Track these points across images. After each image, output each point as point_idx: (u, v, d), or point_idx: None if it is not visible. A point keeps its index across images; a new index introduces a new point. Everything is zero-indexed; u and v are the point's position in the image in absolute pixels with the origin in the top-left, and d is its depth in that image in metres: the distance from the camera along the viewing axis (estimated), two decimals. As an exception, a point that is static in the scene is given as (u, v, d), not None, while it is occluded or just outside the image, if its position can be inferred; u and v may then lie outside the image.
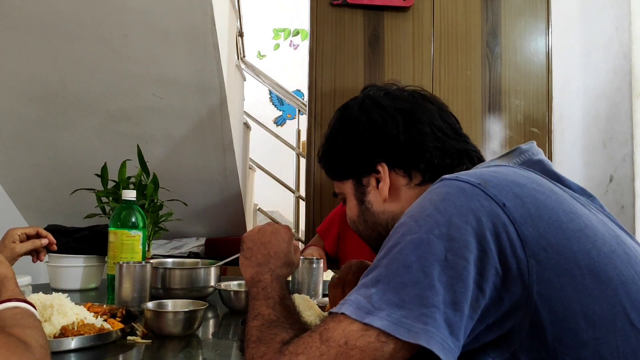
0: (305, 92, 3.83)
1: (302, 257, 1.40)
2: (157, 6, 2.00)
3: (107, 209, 1.58)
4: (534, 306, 0.62)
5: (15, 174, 2.66)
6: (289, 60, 5.75)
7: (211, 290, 1.41)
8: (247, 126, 3.99)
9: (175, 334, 1.02)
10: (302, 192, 3.74)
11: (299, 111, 4.41)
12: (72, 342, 0.92)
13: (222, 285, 1.33)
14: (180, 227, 2.93)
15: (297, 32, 5.88)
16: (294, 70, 5.43)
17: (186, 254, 2.92)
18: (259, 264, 0.92)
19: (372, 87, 0.97)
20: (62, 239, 1.48)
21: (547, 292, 0.62)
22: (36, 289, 1.29)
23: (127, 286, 1.20)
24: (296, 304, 0.86)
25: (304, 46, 5.62)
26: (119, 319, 1.07)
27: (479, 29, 2.46)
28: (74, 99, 2.34)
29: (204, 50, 2.16)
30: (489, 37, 2.46)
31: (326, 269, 1.79)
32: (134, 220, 1.35)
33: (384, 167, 0.89)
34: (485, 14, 2.46)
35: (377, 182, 0.90)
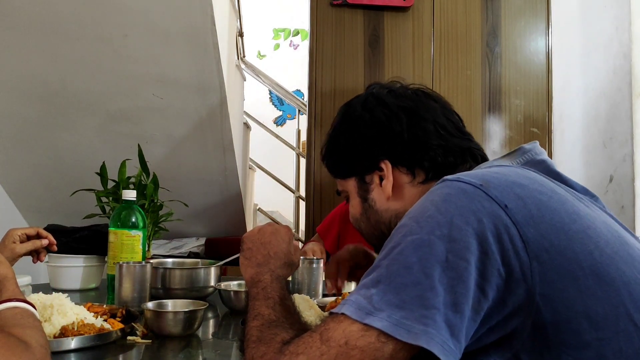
0: (305, 92, 3.83)
1: (302, 257, 1.40)
2: (157, 6, 2.00)
3: (107, 209, 1.58)
4: (536, 307, 0.62)
5: (15, 174, 2.66)
6: (289, 60, 5.75)
7: (211, 290, 1.41)
8: (247, 126, 3.99)
9: (175, 334, 1.02)
10: (302, 192, 3.74)
11: (299, 111, 4.41)
12: (72, 342, 0.92)
13: (222, 285, 1.33)
14: (180, 227, 2.93)
15: (297, 32, 5.88)
16: (294, 70, 5.43)
17: (186, 254, 2.92)
18: (259, 264, 0.92)
19: (375, 85, 0.97)
20: (62, 239, 1.48)
21: (550, 293, 0.62)
22: (36, 289, 1.29)
23: (127, 286, 1.20)
24: (296, 304, 0.86)
25: (304, 46, 5.62)
26: (119, 319, 1.07)
27: (479, 29, 2.46)
28: (74, 99, 2.34)
29: (204, 50, 2.16)
30: (489, 37, 2.46)
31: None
32: (134, 220, 1.35)
33: (387, 165, 0.88)
34: (485, 14, 2.46)
35: (381, 179, 0.90)
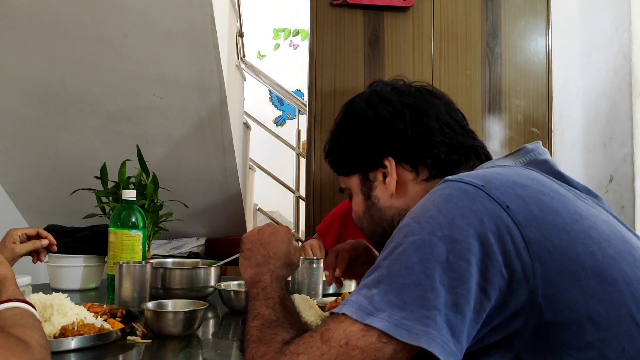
0: (305, 92, 3.83)
1: (302, 257, 1.40)
2: (157, 6, 2.00)
3: (107, 209, 1.58)
4: (538, 308, 0.62)
5: (15, 174, 2.66)
6: (289, 60, 5.75)
7: (211, 290, 1.41)
8: (247, 126, 3.99)
9: (175, 334, 1.02)
10: (302, 192, 3.74)
11: (299, 111, 4.41)
12: (72, 342, 0.92)
13: (222, 285, 1.33)
14: (180, 227, 2.93)
15: (297, 32, 5.88)
16: (294, 70, 5.43)
17: (186, 254, 2.92)
18: (259, 264, 0.92)
19: (378, 83, 0.97)
20: (62, 239, 1.48)
21: (552, 293, 0.62)
22: (36, 289, 1.29)
23: (127, 286, 1.20)
24: (296, 304, 0.86)
25: (304, 46, 5.62)
26: (119, 319, 1.07)
27: (479, 29, 2.46)
28: (74, 99, 2.34)
29: (204, 50, 2.16)
30: (489, 37, 2.46)
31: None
32: (134, 220, 1.35)
33: (391, 162, 0.88)
34: (485, 14, 2.46)
35: (384, 177, 0.90)
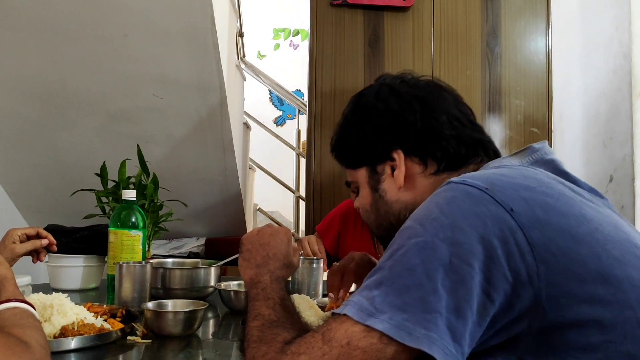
0: (305, 92, 3.83)
1: (302, 257, 1.40)
2: (157, 6, 2.00)
3: (107, 209, 1.58)
4: (543, 311, 0.62)
5: (15, 174, 2.66)
6: (289, 60, 5.75)
7: (211, 290, 1.41)
8: (247, 126, 3.99)
9: (175, 334, 1.02)
10: (302, 192, 3.74)
11: (299, 111, 4.41)
12: (72, 342, 0.92)
13: (222, 285, 1.33)
14: (180, 227, 2.93)
15: (297, 32, 5.88)
16: (294, 70, 5.43)
17: (186, 254, 2.92)
18: (258, 265, 0.92)
19: (387, 76, 0.96)
20: (62, 239, 1.48)
21: (557, 296, 0.62)
22: (36, 289, 1.29)
23: (127, 286, 1.20)
24: (296, 304, 0.86)
25: (304, 46, 5.62)
26: (119, 319, 1.07)
27: (479, 29, 2.46)
28: (74, 99, 2.34)
29: (204, 50, 2.16)
30: (489, 37, 2.46)
31: (326, 269, 1.79)
32: (134, 220, 1.35)
33: (399, 155, 0.88)
34: (485, 14, 2.46)
35: (392, 170, 0.89)
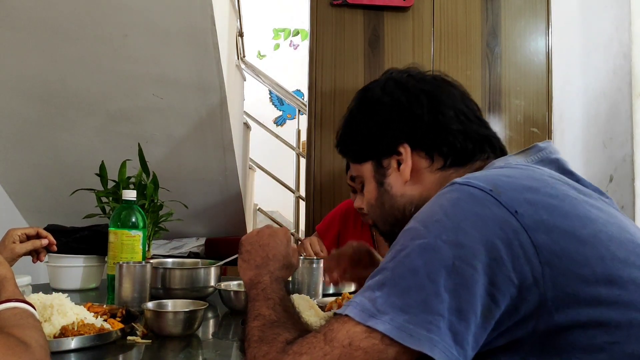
0: (305, 92, 3.83)
1: (302, 257, 1.40)
2: (157, 6, 2.00)
3: (107, 209, 1.58)
4: (548, 312, 0.62)
5: (15, 174, 2.66)
6: (289, 60, 5.75)
7: (211, 290, 1.41)
8: (247, 126, 3.99)
9: (175, 334, 1.02)
10: (302, 192, 3.74)
11: (299, 111, 4.41)
12: (72, 342, 0.92)
13: (222, 285, 1.33)
14: (180, 227, 2.93)
15: (297, 32, 5.88)
16: (294, 70, 5.43)
17: (186, 254, 2.92)
18: (258, 266, 0.92)
19: (393, 70, 0.95)
20: (62, 239, 1.48)
21: (562, 298, 0.62)
22: (36, 289, 1.29)
23: (127, 286, 1.20)
24: (296, 304, 0.86)
25: (304, 46, 5.62)
26: (119, 319, 1.07)
27: (479, 29, 2.46)
28: (74, 99, 2.34)
29: (204, 50, 2.16)
30: (489, 37, 2.46)
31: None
32: (134, 220, 1.35)
33: (406, 149, 0.87)
34: (485, 14, 2.46)
35: (398, 164, 0.88)
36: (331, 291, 1.50)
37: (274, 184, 4.41)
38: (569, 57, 2.98)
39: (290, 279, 1.31)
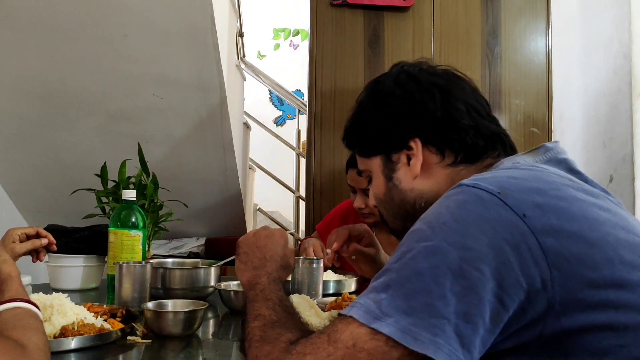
0: (305, 92, 3.83)
1: (302, 257, 1.40)
2: (157, 6, 2.00)
3: (107, 209, 1.58)
4: (556, 316, 0.61)
5: (15, 174, 2.66)
6: (289, 60, 5.75)
7: (211, 290, 1.41)
8: (247, 126, 3.99)
9: (175, 334, 1.02)
10: (302, 192, 3.74)
11: (299, 111, 4.42)
12: (72, 342, 0.92)
13: (222, 285, 1.33)
14: (180, 227, 2.93)
15: (297, 32, 5.88)
16: (294, 70, 5.43)
17: (186, 254, 2.92)
18: (255, 267, 0.92)
19: (404, 64, 0.94)
20: (62, 239, 1.48)
21: (570, 302, 0.61)
22: (36, 289, 1.29)
23: (127, 286, 1.20)
24: (296, 304, 0.86)
25: (304, 46, 5.62)
26: (119, 319, 1.07)
27: (479, 29, 2.46)
28: (74, 99, 2.34)
29: (204, 50, 2.16)
30: (489, 37, 2.46)
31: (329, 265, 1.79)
32: (134, 220, 1.35)
33: (417, 143, 0.85)
34: (485, 14, 2.46)
35: (408, 159, 0.87)
36: (331, 291, 1.50)
37: (274, 184, 4.41)
38: (569, 57, 2.98)
39: (289, 278, 1.31)
